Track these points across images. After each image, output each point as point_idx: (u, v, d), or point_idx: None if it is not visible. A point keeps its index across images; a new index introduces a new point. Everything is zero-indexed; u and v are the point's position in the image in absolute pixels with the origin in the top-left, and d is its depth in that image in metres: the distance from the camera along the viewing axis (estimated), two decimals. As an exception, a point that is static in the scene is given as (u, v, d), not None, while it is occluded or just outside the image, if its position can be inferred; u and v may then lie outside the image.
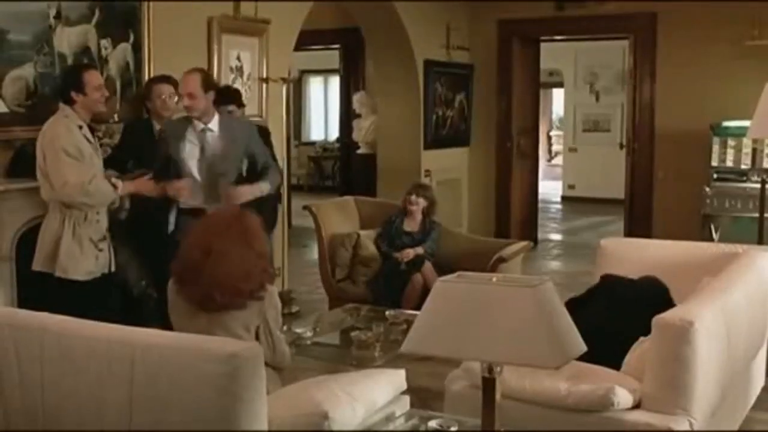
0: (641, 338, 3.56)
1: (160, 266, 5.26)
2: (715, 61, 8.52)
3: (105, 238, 4.61)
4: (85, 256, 4.50)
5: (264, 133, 5.63)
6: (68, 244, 4.45)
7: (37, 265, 4.51)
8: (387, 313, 4.90)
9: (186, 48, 6.09)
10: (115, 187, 4.51)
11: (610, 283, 4.22)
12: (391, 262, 5.97)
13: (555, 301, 2.42)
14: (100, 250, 4.56)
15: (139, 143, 5.18)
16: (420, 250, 5.98)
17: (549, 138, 17.78)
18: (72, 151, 4.40)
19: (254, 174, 4.96)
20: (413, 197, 6.16)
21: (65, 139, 4.40)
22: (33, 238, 4.81)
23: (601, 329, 3.51)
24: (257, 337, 3.38)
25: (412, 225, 6.15)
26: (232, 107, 5.60)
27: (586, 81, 14.71)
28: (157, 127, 5.23)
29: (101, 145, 4.84)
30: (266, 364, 3.14)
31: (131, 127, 5.42)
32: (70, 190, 4.38)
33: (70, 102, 4.52)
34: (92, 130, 4.66)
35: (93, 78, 4.59)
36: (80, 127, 4.51)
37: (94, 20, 5.40)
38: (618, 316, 3.84)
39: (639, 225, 9.04)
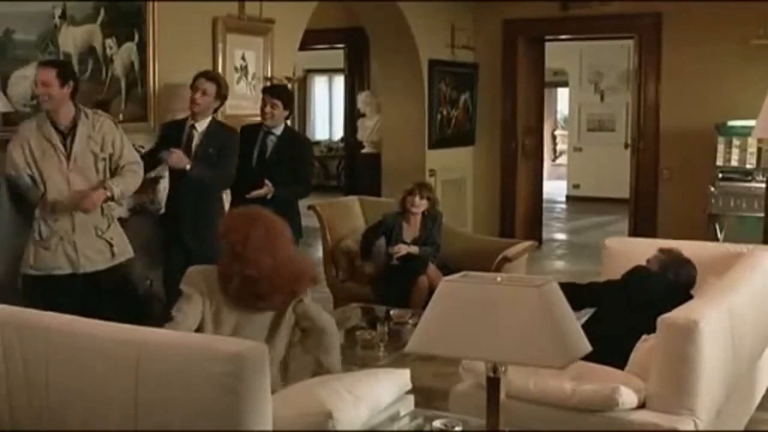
0: (644, 336, 3.56)
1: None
2: (720, 61, 8.50)
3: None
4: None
5: None
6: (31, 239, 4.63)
7: None
8: (392, 312, 4.90)
9: (191, 48, 6.09)
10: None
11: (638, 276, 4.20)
12: (391, 266, 5.90)
13: (560, 301, 2.42)
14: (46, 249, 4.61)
15: (173, 144, 5.22)
16: (414, 249, 5.87)
17: (554, 137, 17.78)
18: (8, 148, 4.53)
19: None
20: (417, 199, 5.91)
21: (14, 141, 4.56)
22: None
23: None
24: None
25: (413, 231, 5.98)
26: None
27: (590, 80, 14.69)
28: (189, 122, 5.25)
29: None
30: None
31: (167, 127, 5.46)
32: None
33: None
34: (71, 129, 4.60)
35: (38, 74, 4.56)
36: (39, 126, 4.56)
37: (99, 20, 5.41)
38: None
39: (644, 224, 9.02)
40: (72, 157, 4.56)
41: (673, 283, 4.10)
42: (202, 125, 5.26)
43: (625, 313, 3.93)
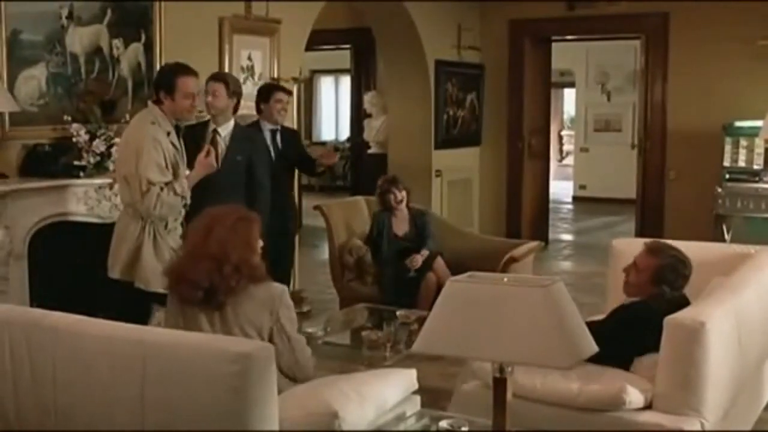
0: (636, 358, 3.53)
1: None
2: (727, 61, 8.48)
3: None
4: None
5: None
6: (150, 255, 4.25)
7: (115, 274, 4.31)
8: (398, 312, 4.90)
9: (197, 48, 6.11)
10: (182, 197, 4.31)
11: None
12: (398, 269, 5.88)
13: (566, 302, 2.42)
14: None
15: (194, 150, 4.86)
16: (424, 253, 5.86)
17: (560, 138, 17.75)
18: (160, 161, 4.23)
19: None
20: (397, 194, 5.98)
21: (155, 150, 4.21)
22: (44, 237, 4.84)
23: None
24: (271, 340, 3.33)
25: (402, 226, 6.03)
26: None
27: (597, 81, 14.67)
28: (211, 127, 4.98)
29: None
30: (285, 373, 3.14)
31: (191, 130, 5.04)
32: (148, 200, 4.18)
33: (158, 102, 4.36)
34: (177, 132, 4.44)
35: (186, 84, 4.36)
36: (168, 134, 4.31)
37: (106, 20, 5.43)
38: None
39: (650, 225, 9.00)
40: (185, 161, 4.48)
41: (668, 301, 3.80)
42: (225, 129, 4.99)
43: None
